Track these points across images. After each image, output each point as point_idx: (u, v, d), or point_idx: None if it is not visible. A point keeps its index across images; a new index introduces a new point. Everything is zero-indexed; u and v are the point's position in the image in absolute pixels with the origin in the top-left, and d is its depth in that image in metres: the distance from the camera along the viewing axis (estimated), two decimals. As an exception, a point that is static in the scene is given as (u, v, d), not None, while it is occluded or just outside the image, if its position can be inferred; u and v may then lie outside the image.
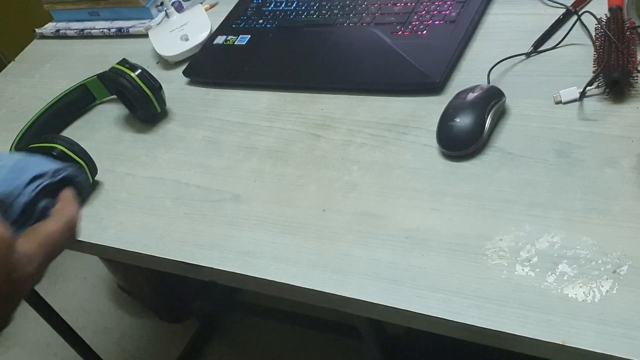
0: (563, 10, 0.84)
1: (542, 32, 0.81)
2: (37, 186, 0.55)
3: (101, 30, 1.22)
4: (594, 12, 0.78)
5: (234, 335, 1.69)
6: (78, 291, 1.93)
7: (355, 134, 0.80)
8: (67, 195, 0.57)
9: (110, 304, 1.86)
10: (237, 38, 1.02)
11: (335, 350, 1.51)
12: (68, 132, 1.01)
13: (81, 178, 0.60)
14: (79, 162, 0.83)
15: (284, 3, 1.04)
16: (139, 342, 1.76)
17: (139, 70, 0.92)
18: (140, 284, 1.74)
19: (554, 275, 0.58)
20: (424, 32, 0.87)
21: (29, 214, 0.55)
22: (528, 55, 0.80)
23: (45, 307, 1.43)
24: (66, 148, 0.83)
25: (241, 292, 1.68)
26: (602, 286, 0.56)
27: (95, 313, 1.84)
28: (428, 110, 0.78)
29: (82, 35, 1.24)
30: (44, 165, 0.57)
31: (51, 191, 0.56)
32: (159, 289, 1.72)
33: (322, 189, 0.75)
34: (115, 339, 1.78)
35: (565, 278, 0.57)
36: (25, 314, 1.79)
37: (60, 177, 0.57)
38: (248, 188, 0.79)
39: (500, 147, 0.71)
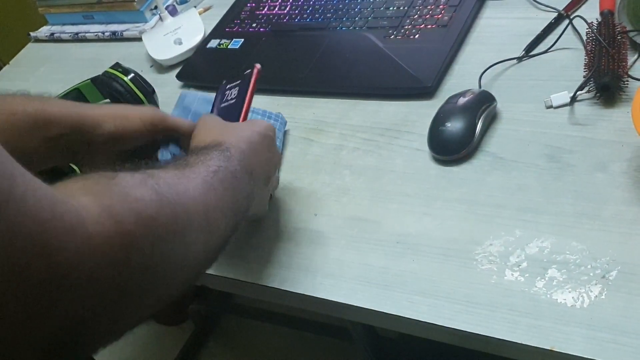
0: (555, 15, 0.84)
1: (534, 37, 0.82)
2: None
3: (95, 33, 1.22)
4: (586, 17, 0.78)
5: (230, 338, 1.69)
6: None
7: (347, 139, 0.80)
8: None
9: (107, 307, 1.86)
10: (230, 42, 1.02)
11: (329, 352, 1.51)
12: (62, 136, 1.01)
13: None
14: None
15: (278, 7, 1.04)
16: (135, 345, 1.75)
17: (132, 74, 0.92)
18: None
19: (543, 280, 0.58)
20: (417, 36, 0.87)
21: None
22: (519, 59, 0.80)
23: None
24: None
25: (237, 295, 1.68)
26: (591, 291, 0.56)
27: (91, 316, 1.84)
28: (420, 114, 0.78)
29: (77, 38, 1.24)
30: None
31: None
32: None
33: (314, 193, 0.75)
34: (111, 341, 1.77)
35: (554, 283, 0.57)
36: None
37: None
38: (240, 192, 0.79)
39: (491, 152, 0.71)
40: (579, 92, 0.72)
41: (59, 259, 0.30)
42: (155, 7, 1.17)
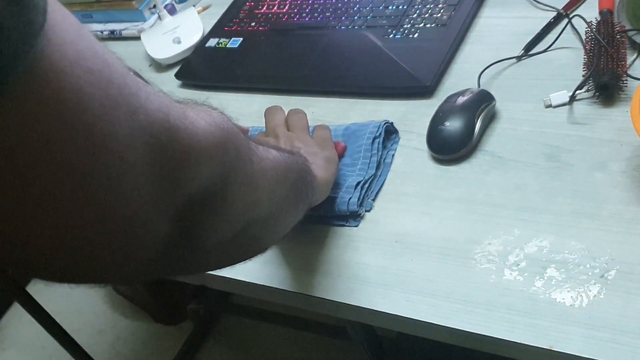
0: (554, 14, 0.84)
1: (533, 36, 0.82)
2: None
3: (94, 32, 1.21)
4: (585, 16, 0.78)
5: (229, 338, 1.69)
6: (73, 293, 1.93)
7: (346, 138, 0.80)
8: None
9: (105, 307, 1.86)
10: (229, 41, 1.02)
11: (328, 352, 1.51)
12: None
13: None
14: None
15: (277, 6, 1.04)
16: (134, 345, 1.75)
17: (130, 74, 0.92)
18: (135, 286, 1.74)
19: (542, 279, 0.58)
20: (416, 35, 0.87)
21: None
22: (519, 58, 0.80)
23: (40, 310, 1.43)
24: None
25: (236, 295, 1.68)
26: (590, 291, 0.56)
27: (90, 315, 1.84)
28: (419, 113, 0.78)
29: (75, 37, 1.24)
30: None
31: None
32: (153, 291, 1.72)
33: (313, 192, 0.75)
34: (110, 341, 1.77)
35: (553, 282, 0.57)
36: (20, 316, 1.79)
37: None
38: (239, 192, 0.79)
39: (490, 151, 0.71)
40: (578, 92, 0.71)
41: (188, 142, 0.37)
42: (154, 6, 1.17)
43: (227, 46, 1.02)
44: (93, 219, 0.32)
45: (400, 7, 0.92)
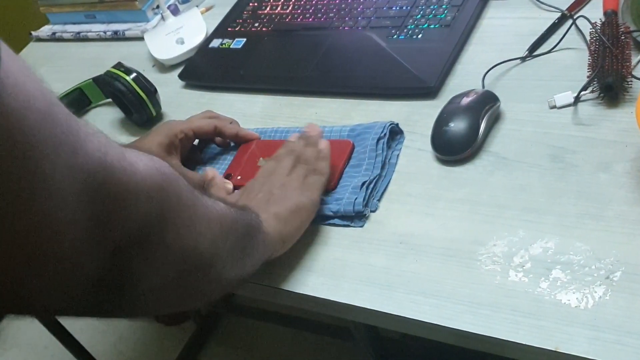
0: (558, 15, 0.84)
1: (537, 37, 0.81)
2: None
3: (97, 33, 1.22)
4: (589, 16, 0.78)
5: (231, 338, 1.69)
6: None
7: (350, 138, 0.80)
8: None
9: (107, 307, 1.86)
10: (232, 41, 1.02)
11: (331, 353, 1.51)
12: (63, 136, 1.01)
13: None
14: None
15: (280, 6, 1.04)
16: (136, 345, 1.75)
17: (134, 74, 0.92)
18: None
19: (547, 281, 0.58)
20: (419, 36, 0.87)
21: None
22: (523, 59, 0.80)
23: (42, 310, 1.43)
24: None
25: (238, 295, 1.68)
26: (595, 292, 0.56)
27: (92, 315, 1.84)
28: (423, 114, 0.78)
29: (78, 38, 1.24)
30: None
31: None
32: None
33: (317, 193, 0.75)
34: (112, 341, 1.77)
35: (558, 284, 0.57)
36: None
37: None
38: (242, 192, 0.79)
39: (494, 152, 0.71)
40: (582, 92, 0.71)
41: (125, 182, 0.38)
42: (157, 7, 1.17)
43: (231, 47, 1.02)
44: (26, 253, 0.32)
45: (404, 7, 0.92)
